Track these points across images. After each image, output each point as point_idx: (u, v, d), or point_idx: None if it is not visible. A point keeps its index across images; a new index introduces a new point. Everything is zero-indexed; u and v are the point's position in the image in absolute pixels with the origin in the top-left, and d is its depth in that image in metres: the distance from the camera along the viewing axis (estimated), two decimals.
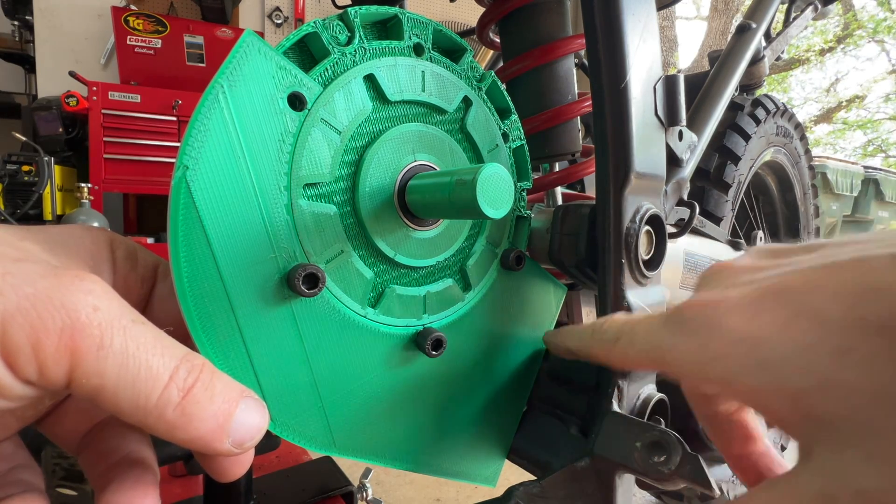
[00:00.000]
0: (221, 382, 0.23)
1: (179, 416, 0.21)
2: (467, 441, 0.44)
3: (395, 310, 0.37)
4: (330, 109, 0.33)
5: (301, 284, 0.30)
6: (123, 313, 0.21)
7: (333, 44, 0.33)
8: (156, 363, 0.21)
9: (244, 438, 0.23)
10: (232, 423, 0.23)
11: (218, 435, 0.22)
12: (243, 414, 0.23)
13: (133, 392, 0.20)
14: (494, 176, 0.30)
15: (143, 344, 0.21)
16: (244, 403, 0.23)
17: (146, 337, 0.21)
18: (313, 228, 0.32)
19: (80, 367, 0.19)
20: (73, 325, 0.19)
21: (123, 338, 0.20)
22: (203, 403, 0.22)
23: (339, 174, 0.34)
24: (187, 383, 0.22)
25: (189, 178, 0.27)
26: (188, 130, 0.27)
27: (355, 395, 0.36)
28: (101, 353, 0.19)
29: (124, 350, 0.20)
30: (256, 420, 0.24)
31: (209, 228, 0.27)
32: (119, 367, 0.20)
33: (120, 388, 0.20)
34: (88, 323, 0.19)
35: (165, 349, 0.21)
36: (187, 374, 0.22)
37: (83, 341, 0.19)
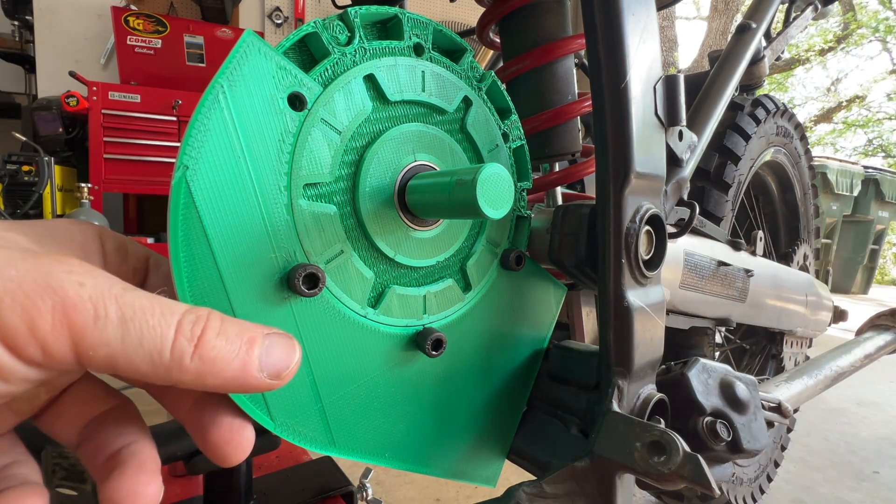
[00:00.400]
0: (235, 325, 0.23)
1: (199, 363, 0.22)
2: (467, 441, 0.44)
3: (395, 310, 0.37)
4: (330, 109, 0.33)
5: (301, 284, 0.30)
6: (112, 284, 0.21)
7: (333, 44, 0.33)
8: (156, 321, 0.21)
9: (279, 368, 0.24)
10: (256, 356, 0.23)
11: (248, 370, 0.23)
12: (269, 346, 0.23)
13: (144, 352, 0.21)
14: (494, 176, 0.30)
15: (139, 307, 0.21)
16: (267, 339, 0.24)
17: (140, 300, 0.21)
18: (313, 228, 0.32)
19: (83, 341, 0.20)
20: (63, 302, 0.19)
21: (117, 305, 0.20)
22: (219, 346, 0.22)
23: (340, 174, 0.34)
24: (195, 332, 0.22)
25: (189, 178, 0.27)
26: (188, 130, 0.27)
27: (355, 396, 0.36)
28: (98, 322, 0.20)
29: (121, 316, 0.20)
30: (285, 350, 0.24)
31: (209, 228, 0.27)
32: (122, 333, 0.20)
33: (130, 352, 0.20)
34: (78, 297, 0.19)
35: (164, 307, 0.22)
36: (192, 324, 0.22)
37: (77, 315, 0.19)
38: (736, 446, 0.44)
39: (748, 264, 0.88)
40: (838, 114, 10.03)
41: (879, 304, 4.85)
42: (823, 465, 1.53)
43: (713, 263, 0.79)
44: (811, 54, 8.82)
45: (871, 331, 1.04)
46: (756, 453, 0.45)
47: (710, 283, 0.78)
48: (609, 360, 0.42)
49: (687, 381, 0.45)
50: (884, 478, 1.47)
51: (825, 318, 1.22)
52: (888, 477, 1.48)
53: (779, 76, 10.08)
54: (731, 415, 0.45)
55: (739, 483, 1.07)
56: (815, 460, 1.56)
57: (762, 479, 1.16)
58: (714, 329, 0.91)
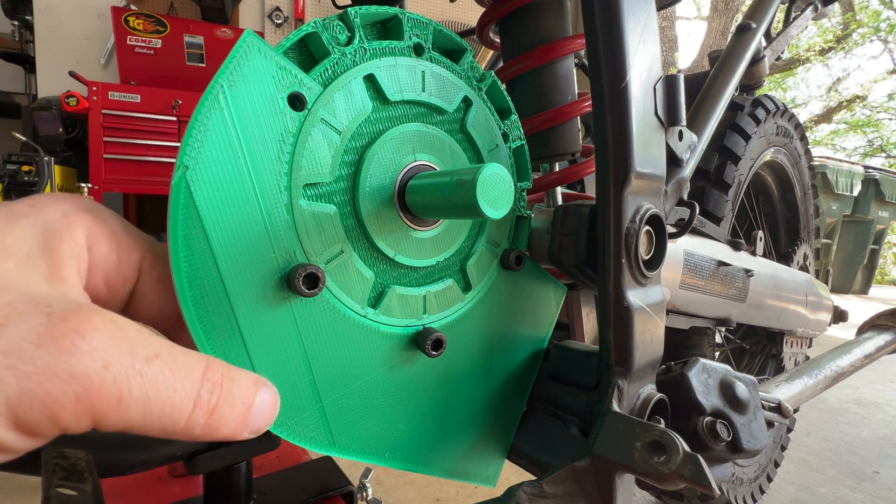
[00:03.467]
0: (239, 387, 0.24)
1: (205, 431, 0.22)
2: (467, 441, 0.44)
3: (395, 310, 0.37)
4: (330, 109, 0.33)
5: (301, 284, 0.30)
6: (136, 355, 0.20)
7: (333, 44, 0.33)
8: (178, 397, 0.21)
9: (261, 426, 0.25)
10: (251, 418, 0.24)
11: (240, 431, 0.24)
12: (259, 406, 0.25)
13: (160, 425, 0.21)
14: (494, 176, 0.30)
15: (162, 383, 0.21)
16: (259, 396, 0.25)
17: (164, 373, 0.21)
18: (313, 228, 0.32)
19: (105, 421, 0.20)
20: (87, 392, 0.19)
21: (141, 384, 0.20)
22: (226, 415, 0.23)
23: (340, 174, 0.34)
24: (210, 405, 0.22)
25: (189, 178, 0.27)
26: (188, 130, 0.27)
27: (355, 396, 0.36)
28: (121, 405, 0.19)
29: (145, 396, 0.20)
30: (270, 408, 0.25)
31: (209, 228, 0.27)
32: (143, 412, 0.20)
33: (147, 425, 0.21)
34: (102, 383, 0.19)
35: (185, 378, 0.22)
36: (209, 395, 0.22)
37: (101, 401, 0.19)
38: (736, 446, 0.44)
39: (748, 264, 0.88)
40: (839, 114, 10.03)
41: (879, 304, 4.85)
42: (823, 465, 1.53)
43: (713, 263, 0.79)
44: (811, 54, 8.82)
45: (871, 331, 1.04)
46: (756, 453, 0.45)
47: (710, 283, 0.78)
48: (609, 360, 0.42)
49: (687, 381, 0.45)
50: (884, 478, 1.47)
51: (825, 318, 1.22)
52: (888, 477, 1.48)
53: (779, 76, 10.08)
54: (731, 415, 0.45)
55: (739, 483, 1.07)
56: (815, 460, 1.56)
57: (762, 479, 1.16)
58: (714, 329, 0.91)
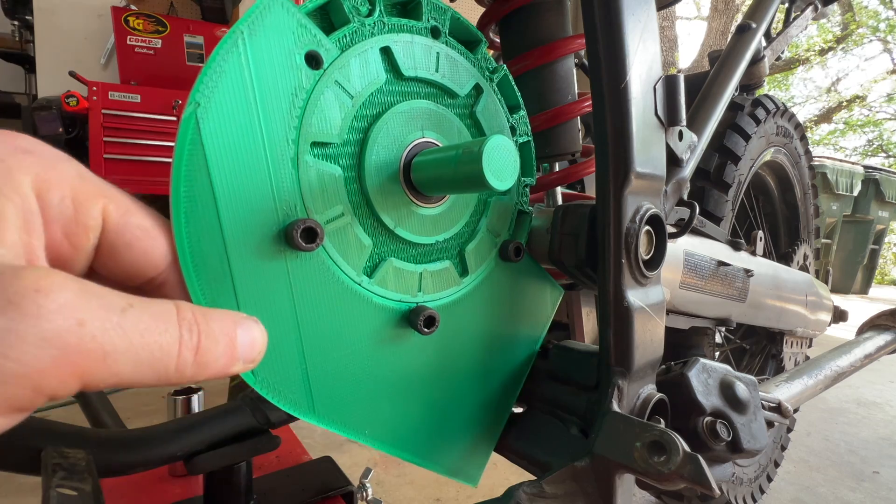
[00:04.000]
0: (216, 322, 0.24)
1: (197, 369, 0.22)
2: (451, 432, 0.44)
3: (389, 282, 0.37)
4: (345, 74, 0.33)
5: (299, 237, 0.30)
6: (110, 306, 0.19)
7: (354, 13, 0.34)
8: (164, 340, 0.21)
9: (252, 356, 0.25)
10: (237, 350, 0.24)
11: (230, 364, 0.24)
12: (243, 338, 0.25)
13: (153, 372, 0.20)
14: (500, 146, 0.31)
15: (144, 329, 0.20)
16: (241, 329, 0.25)
17: (143, 319, 0.20)
18: (317, 186, 0.32)
19: (93, 378, 0.19)
20: (65, 353, 0.17)
21: (123, 334, 0.19)
22: (212, 350, 0.23)
23: (348, 138, 0.34)
24: (194, 342, 0.22)
25: (199, 114, 0.27)
26: (204, 70, 0.27)
27: (341, 364, 0.35)
28: (108, 359, 0.19)
29: (130, 345, 0.19)
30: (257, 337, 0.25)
31: (213, 168, 0.27)
32: (132, 362, 0.19)
33: (138, 375, 0.20)
34: (81, 341, 0.18)
35: (164, 320, 0.21)
36: (189, 333, 0.22)
37: (84, 360, 0.18)
38: (736, 446, 0.44)
39: (748, 264, 0.88)
40: (838, 114, 10.03)
41: (879, 304, 4.85)
42: (823, 465, 1.53)
43: (713, 263, 0.79)
44: (811, 54, 8.82)
45: (871, 331, 1.04)
46: (756, 453, 0.45)
47: (710, 283, 0.78)
48: (609, 360, 0.42)
49: (687, 381, 0.45)
50: (884, 478, 1.47)
51: (825, 318, 1.22)
52: (888, 477, 1.48)
53: (780, 76, 10.08)
54: (731, 415, 0.45)
55: (739, 483, 1.07)
56: (815, 460, 1.56)
57: (762, 479, 1.16)
58: (714, 329, 0.91)
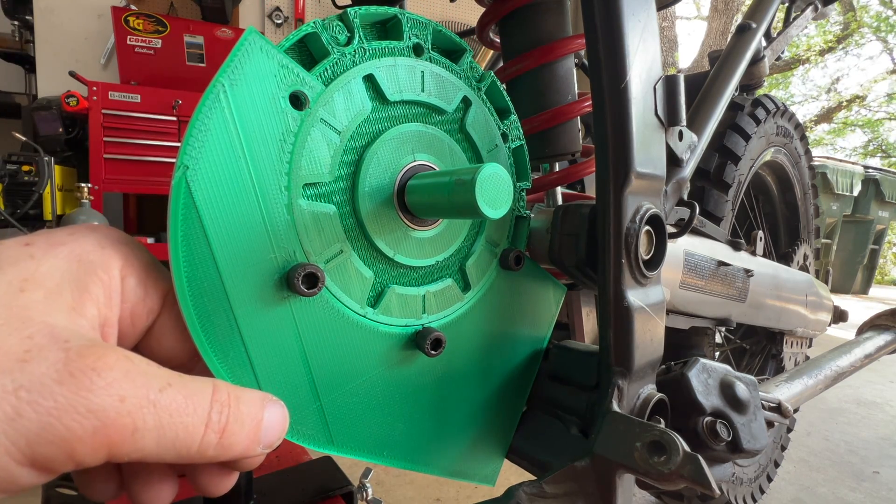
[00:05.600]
0: (246, 405, 0.25)
1: (219, 450, 0.23)
2: (466, 440, 0.44)
3: (394, 309, 0.37)
4: (329, 109, 0.33)
5: (300, 284, 0.30)
6: (150, 387, 0.21)
7: (333, 44, 0.33)
8: (190, 421, 0.22)
9: (273, 441, 0.26)
10: (261, 434, 0.25)
11: (252, 448, 0.24)
12: (268, 422, 0.25)
13: (175, 450, 0.21)
14: (493, 176, 0.30)
15: (175, 410, 0.21)
16: (267, 412, 0.25)
17: (176, 400, 0.21)
18: (313, 228, 0.32)
19: (119, 452, 0.20)
20: (104, 425, 0.19)
21: (155, 414, 0.21)
22: (237, 433, 0.24)
23: (339, 174, 0.34)
24: (221, 424, 0.23)
25: (189, 177, 0.27)
26: (189, 130, 0.27)
27: (353, 394, 0.36)
28: (136, 435, 0.20)
29: (158, 424, 0.21)
30: (280, 421, 0.26)
31: (209, 228, 0.27)
32: (157, 439, 0.21)
33: (161, 452, 0.21)
34: (118, 416, 0.19)
35: (195, 402, 0.22)
36: (219, 415, 0.23)
37: (117, 433, 0.19)
38: (736, 446, 0.44)
39: (748, 264, 0.88)
40: (838, 114, 10.03)
41: (879, 304, 4.85)
42: (823, 465, 1.53)
43: (713, 263, 0.79)
44: (811, 54, 8.81)
45: (871, 331, 1.04)
46: (756, 453, 0.45)
47: (710, 283, 0.78)
48: (609, 360, 0.42)
49: (687, 381, 0.45)
50: (884, 478, 1.47)
51: (825, 318, 1.22)
52: (888, 477, 1.48)
53: (780, 75, 10.08)
54: (731, 415, 0.45)
55: (739, 483, 1.07)
56: (815, 460, 1.56)
57: (762, 479, 1.16)
58: (714, 329, 0.91)
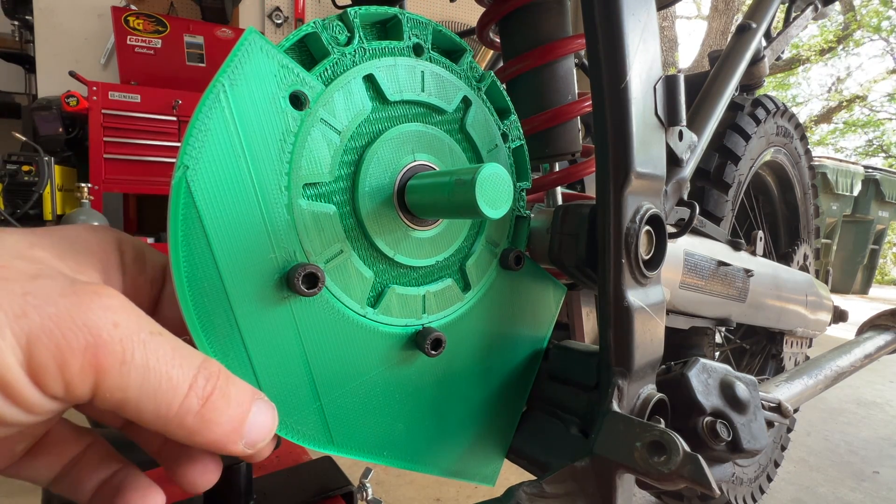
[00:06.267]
0: (235, 387, 0.24)
1: (199, 422, 0.22)
2: (466, 440, 0.44)
3: (394, 309, 0.37)
4: (329, 109, 0.33)
5: (300, 284, 0.30)
6: (142, 326, 0.21)
7: (333, 44, 0.33)
8: (175, 374, 0.21)
9: (256, 439, 0.24)
10: (246, 425, 0.24)
11: (233, 437, 0.23)
12: (256, 416, 0.24)
13: (155, 402, 0.21)
14: (493, 176, 0.30)
15: (162, 356, 0.21)
16: (256, 406, 0.25)
17: (165, 348, 0.21)
18: (313, 228, 0.32)
19: (105, 383, 0.20)
20: (95, 343, 0.19)
21: (144, 351, 0.21)
22: (220, 409, 0.23)
23: (339, 174, 0.34)
24: (206, 391, 0.22)
25: (189, 177, 0.27)
26: (188, 130, 0.27)
27: (354, 395, 0.36)
28: (123, 367, 0.20)
29: (145, 363, 0.21)
30: (268, 422, 0.25)
31: (209, 228, 0.27)
32: (141, 380, 0.21)
33: (142, 400, 0.21)
34: (110, 339, 0.20)
35: (184, 359, 0.22)
36: (205, 381, 0.23)
37: (106, 358, 0.20)
38: (736, 446, 0.44)
39: (748, 264, 0.88)
40: (839, 114, 10.03)
41: (879, 304, 4.85)
42: (823, 465, 1.53)
43: (713, 263, 0.79)
44: (811, 54, 8.82)
45: (871, 331, 1.04)
46: (756, 453, 0.45)
47: (710, 283, 0.78)
48: (609, 360, 0.42)
49: (687, 380, 0.45)
50: (884, 478, 1.47)
51: (825, 318, 1.22)
52: (888, 477, 1.48)
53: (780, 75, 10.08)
54: (731, 415, 0.45)
55: (739, 483, 1.07)
56: (815, 460, 1.56)
57: (762, 479, 1.16)
58: (714, 329, 0.91)
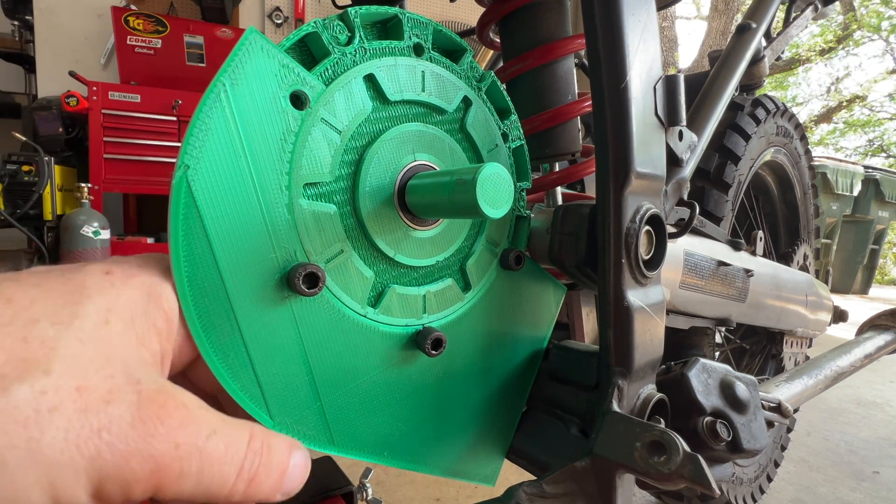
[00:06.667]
0: (276, 453, 0.26)
1: (243, 498, 0.25)
2: (466, 440, 0.44)
3: (394, 309, 0.37)
4: (330, 109, 0.33)
5: (301, 284, 0.30)
6: (199, 434, 0.23)
7: (334, 44, 0.33)
8: (226, 470, 0.24)
9: (292, 489, 0.27)
10: (285, 483, 0.26)
11: (273, 495, 0.26)
12: (293, 470, 0.27)
13: (206, 494, 0.23)
14: (494, 176, 0.30)
15: (216, 458, 0.23)
16: (292, 461, 0.27)
17: (218, 448, 0.23)
18: (313, 228, 0.32)
19: (162, 492, 0.22)
20: (158, 469, 0.21)
21: (199, 461, 0.23)
22: (264, 482, 0.25)
23: (340, 174, 0.34)
24: (251, 473, 0.25)
25: (190, 177, 0.27)
26: (189, 130, 0.27)
27: (354, 395, 0.36)
28: (180, 479, 0.22)
29: (200, 470, 0.23)
30: (302, 471, 0.27)
31: (210, 228, 0.27)
32: (195, 484, 0.23)
33: (195, 495, 0.23)
34: (171, 462, 0.22)
35: (233, 451, 0.24)
36: (251, 464, 0.25)
37: (167, 477, 0.22)
38: (736, 446, 0.44)
39: (748, 264, 0.88)
40: (839, 114, 10.03)
41: (879, 304, 4.85)
42: (823, 465, 1.53)
43: (713, 263, 0.79)
44: (811, 54, 8.81)
45: (871, 331, 1.04)
46: (756, 453, 0.45)
47: (710, 283, 0.78)
48: (609, 360, 0.42)
49: (687, 380, 0.45)
50: (884, 478, 1.47)
51: (825, 318, 1.22)
52: (888, 477, 1.48)
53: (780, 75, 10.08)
54: (731, 415, 0.45)
55: (739, 483, 1.07)
56: (815, 460, 1.56)
57: (762, 479, 1.16)
58: (714, 329, 0.91)
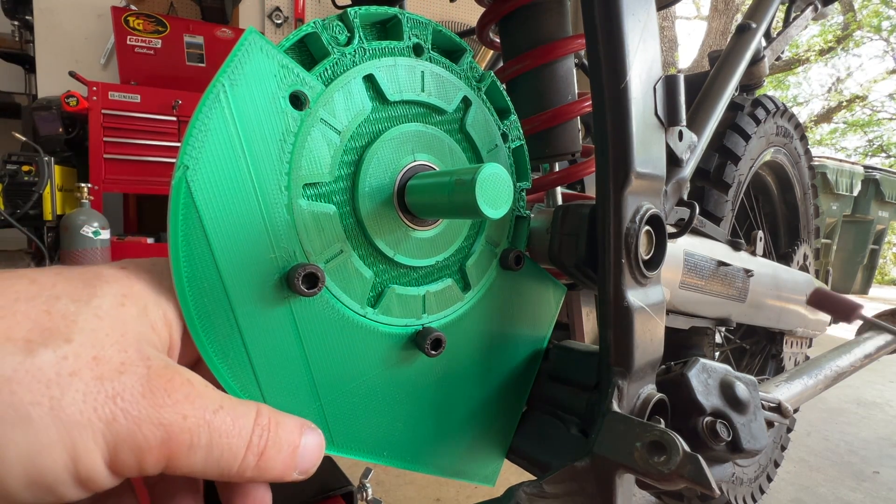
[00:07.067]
0: (285, 429, 0.27)
1: (257, 472, 0.25)
2: (466, 440, 0.44)
3: (394, 309, 0.37)
4: (329, 109, 0.33)
5: (300, 284, 0.30)
6: (206, 407, 0.24)
7: (333, 44, 0.33)
8: (235, 443, 0.24)
9: (308, 467, 0.28)
10: (297, 459, 0.27)
11: (287, 472, 0.27)
12: (305, 448, 0.27)
13: (218, 467, 0.24)
14: (493, 176, 0.30)
15: (224, 430, 0.24)
16: (304, 439, 0.27)
17: (225, 422, 0.24)
18: (313, 228, 0.32)
19: (173, 464, 0.23)
20: (168, 438, 0.22)
21: (208, 433, 0.23)
22: (273, 456, 0.26)
23: (339, 174, 0.34)
24: (260, 447, 0.25)
25: (189, 177, 0.27)
26: (189, 130, 0.27)
27: (354, 395, 0.36)
28: (190, 450, 0.23)
29: (209, 442, 0.23)
30: (316, 449, 0.28)
31: (209, 228, 0.27)
32: (206, 455, 0.24)
33: (207, 469, 0.24)
34: (180, 431, 0.23)
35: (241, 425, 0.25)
36: (259, 438, 0.25)
37: (177, 447, 0.23)
38: (736, 446, 0.44)
39: (748, 264, 0.88)
40: (839, 114, 10.02)
41: (879, 304, 4.85)
42: (823, 465, 1.53)
43: (713, 263, 0.79)
44: (811, 54, 8.81)
45: (871, 331, 1.04)
46: (756, 453, 0.45)
47: (710, 283, 0.78)
48: (609, 360, 0.42)
49: (687, 381, 0.45)
50: (884, 478, 1.47)
51: (825, 318, 1.22)
52: (888, 477, 1.48)
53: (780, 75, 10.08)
54: (731, 415, 0.45)
55: (739, 483, 1.07)
56: (815, 460, 1.56)
57: (762, 479, 1.16)
58: (714, 329, 0.91)
